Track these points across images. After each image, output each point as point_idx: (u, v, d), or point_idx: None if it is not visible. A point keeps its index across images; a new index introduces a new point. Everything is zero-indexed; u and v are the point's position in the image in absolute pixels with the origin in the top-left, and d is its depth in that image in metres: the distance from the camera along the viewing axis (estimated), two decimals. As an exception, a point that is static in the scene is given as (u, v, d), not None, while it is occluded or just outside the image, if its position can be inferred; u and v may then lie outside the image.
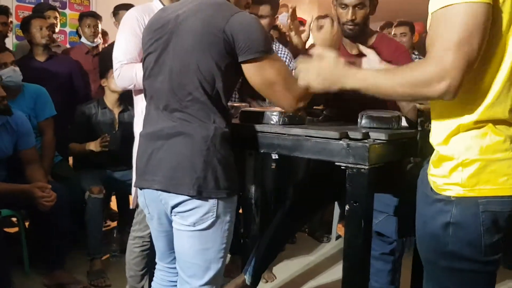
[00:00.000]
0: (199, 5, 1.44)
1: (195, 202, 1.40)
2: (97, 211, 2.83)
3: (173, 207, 1.44)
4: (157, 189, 1.45)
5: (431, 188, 1.22)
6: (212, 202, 1.41)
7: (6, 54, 2.83)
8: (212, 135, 1.40)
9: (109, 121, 3.12)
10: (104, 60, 3.59)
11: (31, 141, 2.72)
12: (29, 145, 2.70)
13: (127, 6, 3.72)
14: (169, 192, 1.42)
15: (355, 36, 2.01)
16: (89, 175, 2.98)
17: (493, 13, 1.06)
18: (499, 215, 1.17)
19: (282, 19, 6.17)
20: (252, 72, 1.41)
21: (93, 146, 2.97)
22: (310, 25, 2.46)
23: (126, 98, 3.05)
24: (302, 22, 3.81)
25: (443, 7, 1.04)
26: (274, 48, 2.35)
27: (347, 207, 1.35)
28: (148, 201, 1.54)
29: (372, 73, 1.22)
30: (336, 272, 2.93)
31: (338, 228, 3.65)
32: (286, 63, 2.63)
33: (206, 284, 1.48)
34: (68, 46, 5.09)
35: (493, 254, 1.20)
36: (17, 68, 2.80)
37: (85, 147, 3.00)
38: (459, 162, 1.17)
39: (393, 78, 1.14)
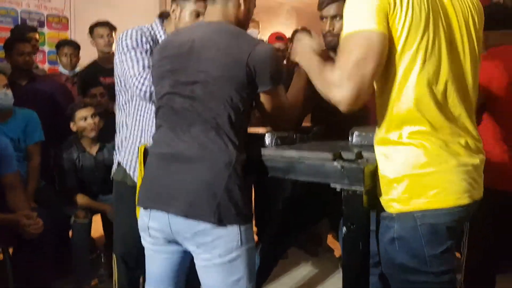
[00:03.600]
0: (215, 32, 1.46)
1: (219, 231, 1.37)
2: (83, 237, 2.80)
3: (194, 237, 1.39)
4: (172, 213, 1.40)
5: (382, 206, 1.30)
6: (235, 229, 1.38)
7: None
8: (234, 161, 1.39)
9: (90, 164, 3.06)
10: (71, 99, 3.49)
11: (14, 166, 2.65)
12: (12, 169, 2.63)
13: (103, 24, 3.69)
14: (188, 218, 1.38)
15: (336, 46, 2.01)
16: (73, 200, 2.93)
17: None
18: (437, 227, 1.22)
19: (251, 34, 6.24)
20: (267, 99, 1.51)
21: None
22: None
23: (101, 135, 3.04)
24: (282, 37, 3.82)
25: (349, 33, 1.20)
26: None
27: (344, 229, 1.33)
28: (154, 223, 1.47)
29: (316, 63, 1.33)
30: (328, 286, 2.92)
31: (328, 239, 3.64)
32: None
33: None
34: (47, 65, 5.02)
35: (439, 265, 1.24)
36: (9, 92, 2.76)
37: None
38: (392, 179, 1.24)
39: (319, 73, 1.29)
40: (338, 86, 1.18)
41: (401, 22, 1.19)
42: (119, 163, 2.08)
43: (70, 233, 2.88)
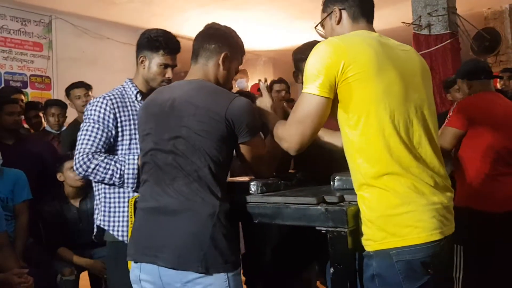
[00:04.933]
0: (194, 90, 1.57)
1: (207, 280, 1.43)
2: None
3: (184, 287, 1.45)
4: (161, 266, 1.46)
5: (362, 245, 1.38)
6: (223, 277, 1.44)
7: None
8: (218, 211, 1.47)
9: (73, 216, 3.07)
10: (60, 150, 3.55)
11: (3, 225, 2.67)
12: (0, 229, 2.64)
13: (78, 84, 3.73)
14: (177, 269, 1.44)
15: None
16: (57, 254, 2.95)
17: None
18: (412, 263, 1.30)
19: (240, 84, 6.40)
20: (247, 149, 1.60)
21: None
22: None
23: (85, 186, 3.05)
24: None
25: (301, 93, 1.41)
26: None
27: (331, 270, 1.40)
28: (145, 276, 1.53)
29: (272, 120, 1.65)
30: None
31: (318, 285, 3.65)
32: None
33: None
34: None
35: None
36: None
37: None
38: (368, 219, 1.34)
39: (274, 130, 1.56)
40: (284, 140, 1.48)
41: (357, 73, 1.33)
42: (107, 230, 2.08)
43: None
